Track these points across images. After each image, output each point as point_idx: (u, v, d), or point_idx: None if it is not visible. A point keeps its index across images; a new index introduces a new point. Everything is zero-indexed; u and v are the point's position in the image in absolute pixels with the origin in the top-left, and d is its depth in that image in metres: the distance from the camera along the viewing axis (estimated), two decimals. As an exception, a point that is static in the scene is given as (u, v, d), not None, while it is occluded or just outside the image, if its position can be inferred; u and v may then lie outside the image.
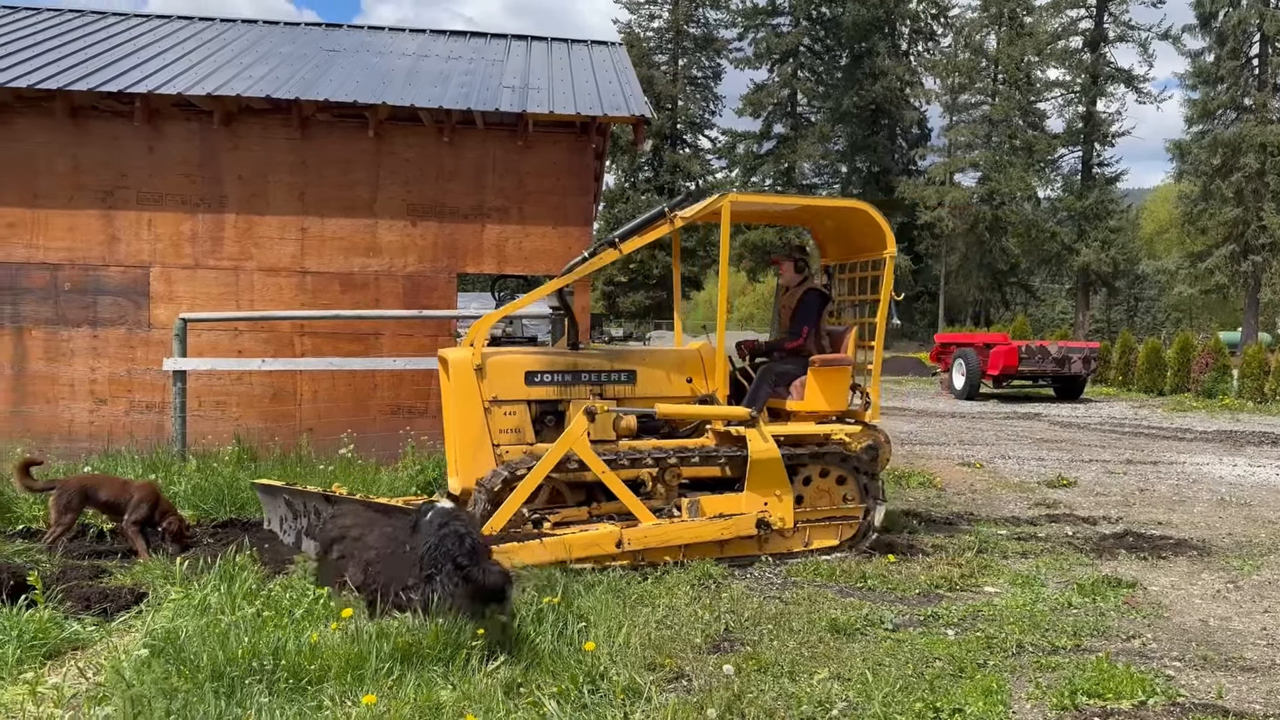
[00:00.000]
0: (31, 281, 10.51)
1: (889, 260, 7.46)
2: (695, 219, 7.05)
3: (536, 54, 13.93)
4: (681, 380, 7.37)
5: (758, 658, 4.88)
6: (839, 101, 62.74)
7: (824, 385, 7.38)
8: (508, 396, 6.79)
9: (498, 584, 4.67)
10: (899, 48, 65.32)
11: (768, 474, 6.87)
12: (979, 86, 61.89)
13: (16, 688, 4.37)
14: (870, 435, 7.49)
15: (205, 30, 13.84)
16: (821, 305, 7.85)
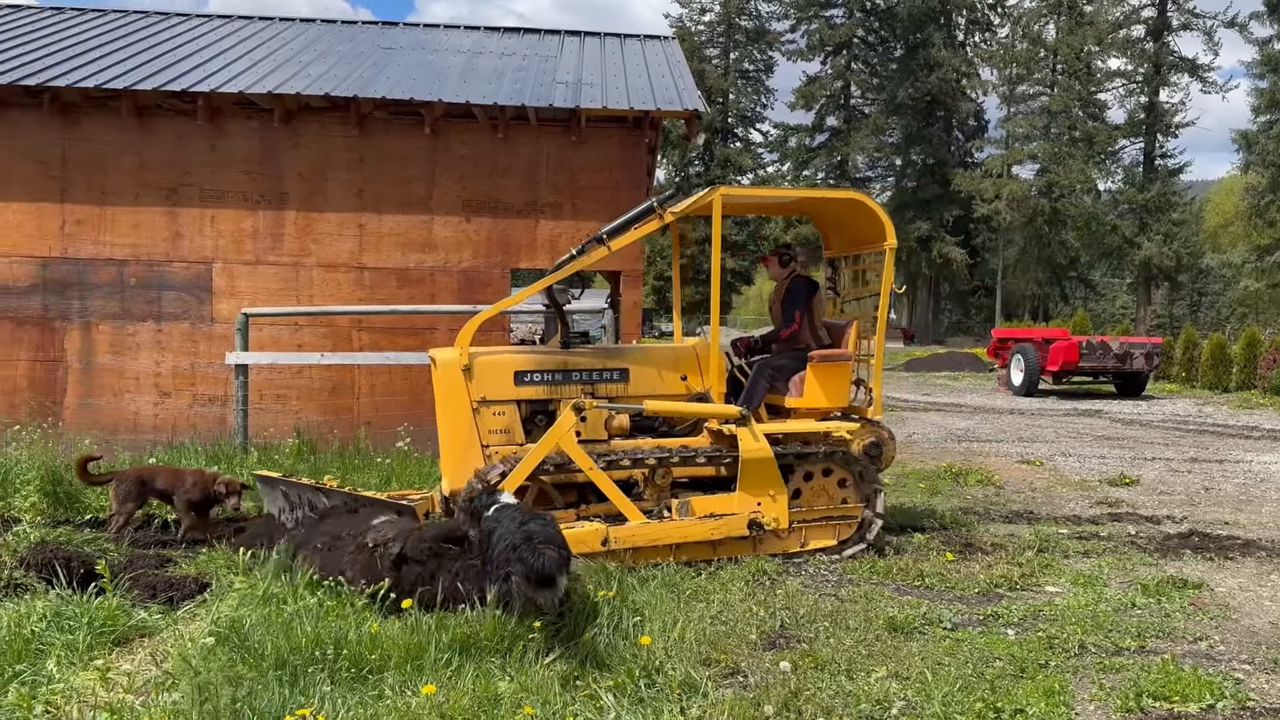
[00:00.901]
0: (99, 277, 10.78)
1: (888, 252, 7.23)
2: (685, 213, 6.92)
3: (589, 49, 13.96)
4: (676, 378, 7.20)
5: (814, 655, 4.85)
6: (893, 93, 61.99)
7: (824, 381, 7.20)
8: (496, 397, 6.69)
9: (549, 570, 4.68)
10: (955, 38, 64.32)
11: (760, 473, 6.68)
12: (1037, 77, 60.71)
13: (88, 673, 4.50)
14: (873, 432, 7.22)
15: (265, 29, 14.08)
16: (810, 292, 7.64)
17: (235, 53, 12.42)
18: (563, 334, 7.15)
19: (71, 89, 10.50)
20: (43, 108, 10.64)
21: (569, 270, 6.81)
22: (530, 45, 14.10)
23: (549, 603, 4.73)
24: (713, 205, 6.73)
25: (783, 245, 8.31)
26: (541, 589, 4.71)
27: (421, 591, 5.11)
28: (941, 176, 61.59)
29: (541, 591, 4.71)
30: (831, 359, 7.27)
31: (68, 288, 10.75)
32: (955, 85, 62.66)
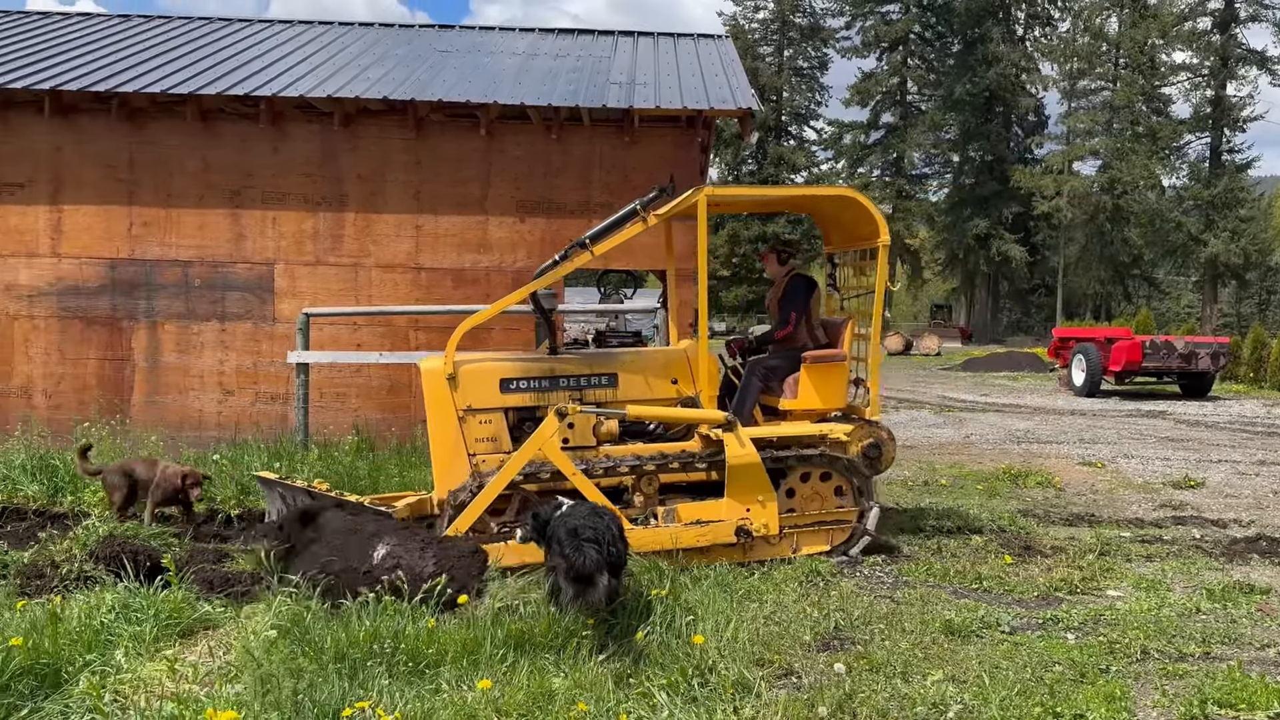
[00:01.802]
0: (165, 278, 11.06)
1: (882, 249, 7.02)
2: (671, 215, 6.81)
3: (643, 49, 13.99)
4: (666, 382, 7.05)
5: (869, 657, 4.82)
6: (951, 89, 61.18)
7: (818, 382, 7.05)
8: (482, 405, 6.63)
9: (587, 569, 4.71)
10: (1014, 33, 63.29)
11: (748, 479, 6.54)
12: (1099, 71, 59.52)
13: (155, 663, 4.62)
14: (872, 433, 7.04)
15: (325, 34, 14.33)
16: (808, 290, 7.50)
17: (296, 57, 12.66)
18: (550, 340, 7.04)
19: (139, 94, 10.78)
20: (111, 113, 10.94)
21: (552, 276, 6.72)
22: (584, 46, 14.17)
23: (595, 600, 4.76)
24: (698, 206, 6.62)
25: (781, 242, 7.97)
26: (581, 586, 4.74)
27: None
28: (1000, 173, 60.65)
29: (583, 589, 4.74)
30: (825, 359, 7.12)
31: (135, 288, 11.04)
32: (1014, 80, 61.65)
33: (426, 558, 5.47)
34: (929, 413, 17.67)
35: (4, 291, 10.98)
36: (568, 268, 6.70)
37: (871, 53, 64.35)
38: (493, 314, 6.89)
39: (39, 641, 4.46)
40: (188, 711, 3.81)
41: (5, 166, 10.93)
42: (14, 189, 10.95)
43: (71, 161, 11.00)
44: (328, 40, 13.89)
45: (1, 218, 10.96)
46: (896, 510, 8.70)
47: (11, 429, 9.71)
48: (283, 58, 12.58)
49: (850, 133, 65.29)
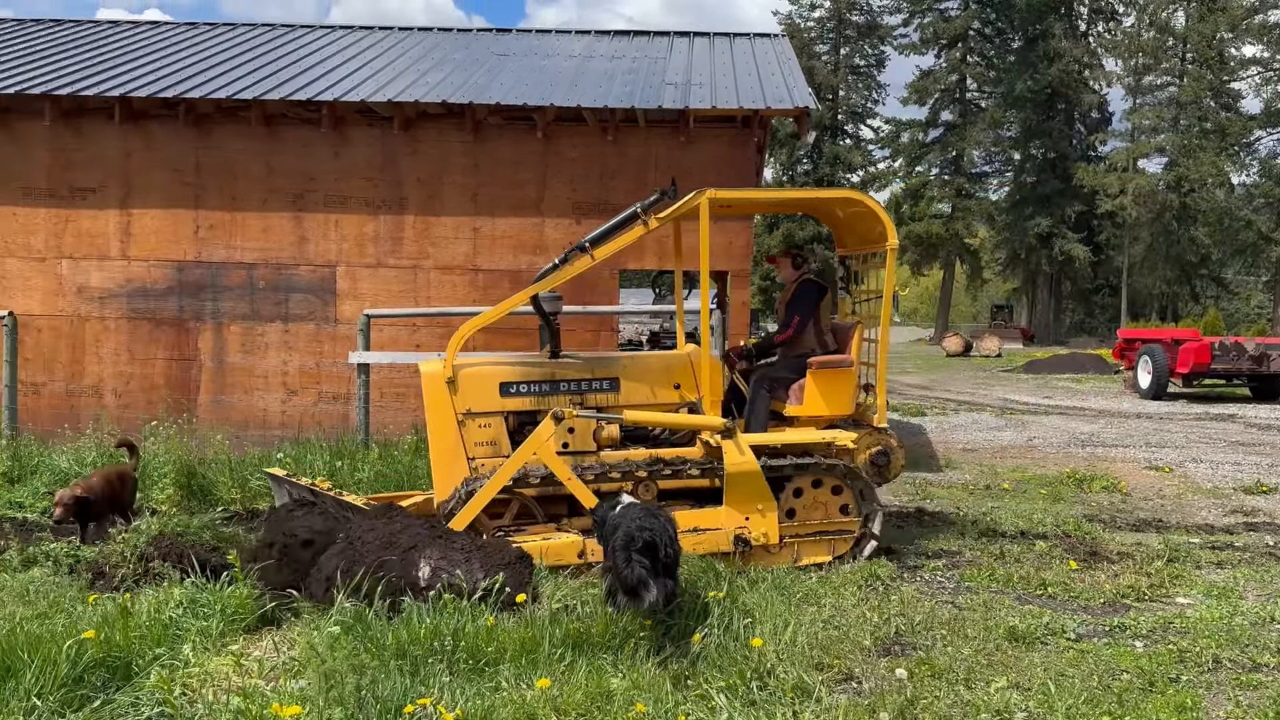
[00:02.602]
0: (230, 280, 11.30)
1: (890, 253, 6.83)
2: (673, 218, 6.75)
3: (699, 50, 13.96)
4: (669, 387, 6.93)
5: (931, 663, 4.75)
6: (1011, 86, 60.15)
7: (824, 388, 6.85)
8: (482, 409, 6.57)
9: (635, 580, 4.73)
10: (1076, 28, 62.06)
11: (747, 487, 6.39)
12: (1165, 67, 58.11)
13: (222, 658, 4.72)
14: (880, 440, 6.80)
15: (385, 39, 14.53)
16: (818, 295, 7.31)
17: (357, 62, 12.86)
18: (551, 344, 6.96)
19: (205, 100, 11.03)
20: (178, 119, 11.21)
21: (553, 280, 6.66)
22: (640, 48, 14.19)
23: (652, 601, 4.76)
24: (700, 209, 6.52)
25: (795, 246, 7.74)
26: (629, 599, 4.77)
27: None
28: (1063, 171, 59.51)
29: (631, 600, 4.77)
30: (831, 365, 6.95)
31: (201, 290, 11.29)
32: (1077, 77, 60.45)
33: (474, 567, 5.50)
34: (990, 415, 17.39)
35: (76, 293, 11.31)
36: (569, 271, 6.62)
37: (930, 50, 63.55)
38: (496, 317, 6.81)
39: (110, 635, 4.57)
40: (253, 706, 3.87)
41: (78, 172, 11.26)
42: (86, 193, 11.27)
43: (140, 166, 11.28)
44: (388, 45, 14.08)
45: (74, 221, 11.28)
46: (957, 514, 8.58)
47: (83, 427, 9.98)
48: (344, 63, 12.79)
49: (908, 131, 64.56)
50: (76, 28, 15.04)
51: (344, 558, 5.49)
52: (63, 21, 15.45)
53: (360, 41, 14.30)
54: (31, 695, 4.08)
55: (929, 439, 14.13)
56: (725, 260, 11.43)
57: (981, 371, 29.83)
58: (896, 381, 25.62)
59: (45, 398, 11.26)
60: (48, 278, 11.31)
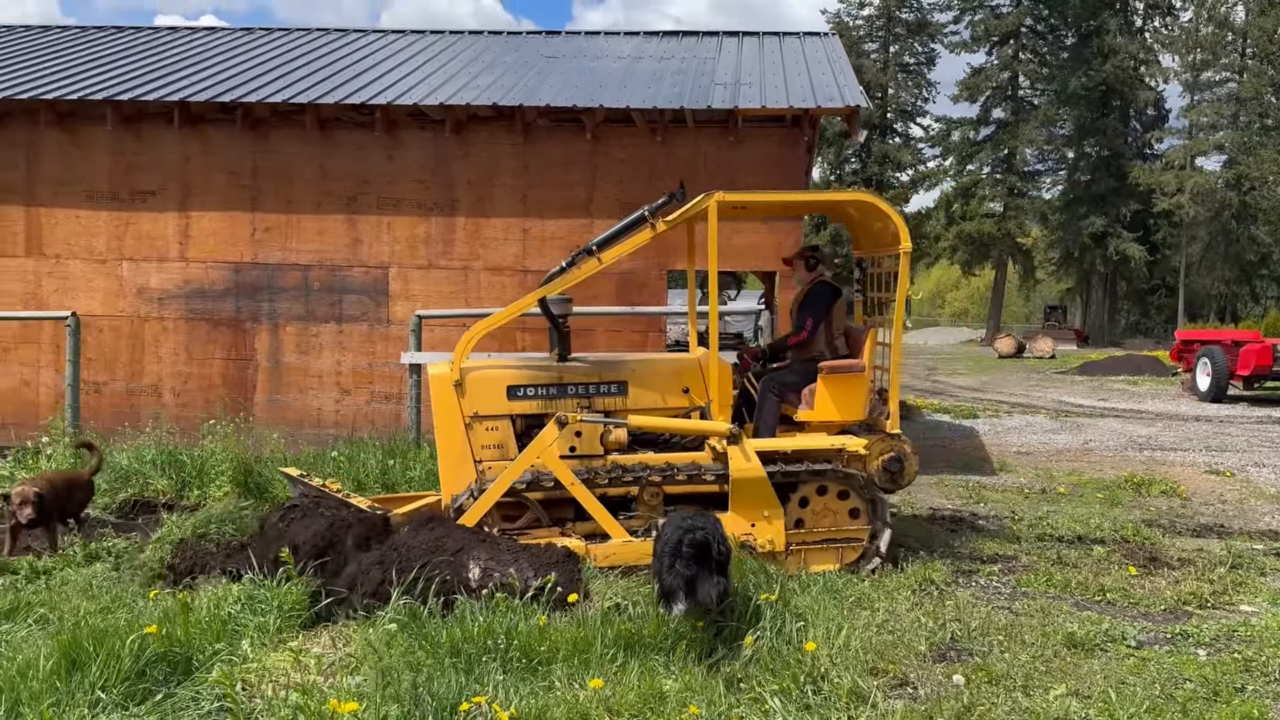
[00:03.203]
0: (286, 281, 11.48)
1: (903, 257, 6.68)
2: (680, 221, 6.69)
3: (748, 49, 13.92)
4: (677, 391, 6.87)
5: (988, 669, 4.69)
6: (1065, 83, 59.07)
7: (835, 393, 6.72)
8: (489, 411, 6.58)
9: (670, 587, 4.76)
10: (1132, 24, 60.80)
11: (752, 494, 6.34)
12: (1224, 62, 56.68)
13: (279, 654, 4.79)
14: (893, 446, 6.64)
15: (436, 43, 14.67)
16: (831, 298, 7.19)
17: (409, 66, 12.99)
18: (560, 346, 6.94)
19: (261, 104, 11.22)
20: (235, 123, 11.41)
21: (560, 284, 6.64)
22: (688, 48, 14.17)
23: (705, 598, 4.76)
24: (708, 211, 6.47)
25: (809, 247, 7.53)
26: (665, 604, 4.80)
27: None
28: (1118, 169, 58.35)
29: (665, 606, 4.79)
30: (842, 369, 6.82)
31: (258, 291, 11.49)
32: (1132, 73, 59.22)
33: (524, 566, 5.55)
34: (1044, 418, 17.11)
35: (136, 294, 11.56)
36: (576, 276, 6.62)
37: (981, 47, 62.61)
38: (504, 320, 6.80)
39: (171, 630, 4.66)
40: (311, 702, 3.92)
41: (138, 175, 11.51)
42: (146, 196, 11.52)
43: (199, 170, 11.51)
44: (439, 49, 14.21)
45: (135, 224, 11.54)
46: (1012, 519, 8.45)
47: (143, 425, 10.19)
48: (396, 67, 12.93)
49: (959, 129, 63.69)
50: (136, 34, 15.37)
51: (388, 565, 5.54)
52: (123, 28, 15.81)
53: (412, 45, 14.45)
54: (96, 688, 4.18)
55: (982, 441, 13.94)
56: (775, 261, 11.37)
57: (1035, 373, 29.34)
58: (948, 383, 25.33)
59: (106, 396, 11.53)
60: (109, 279, 11.58)
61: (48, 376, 11.53)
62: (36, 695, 4.07)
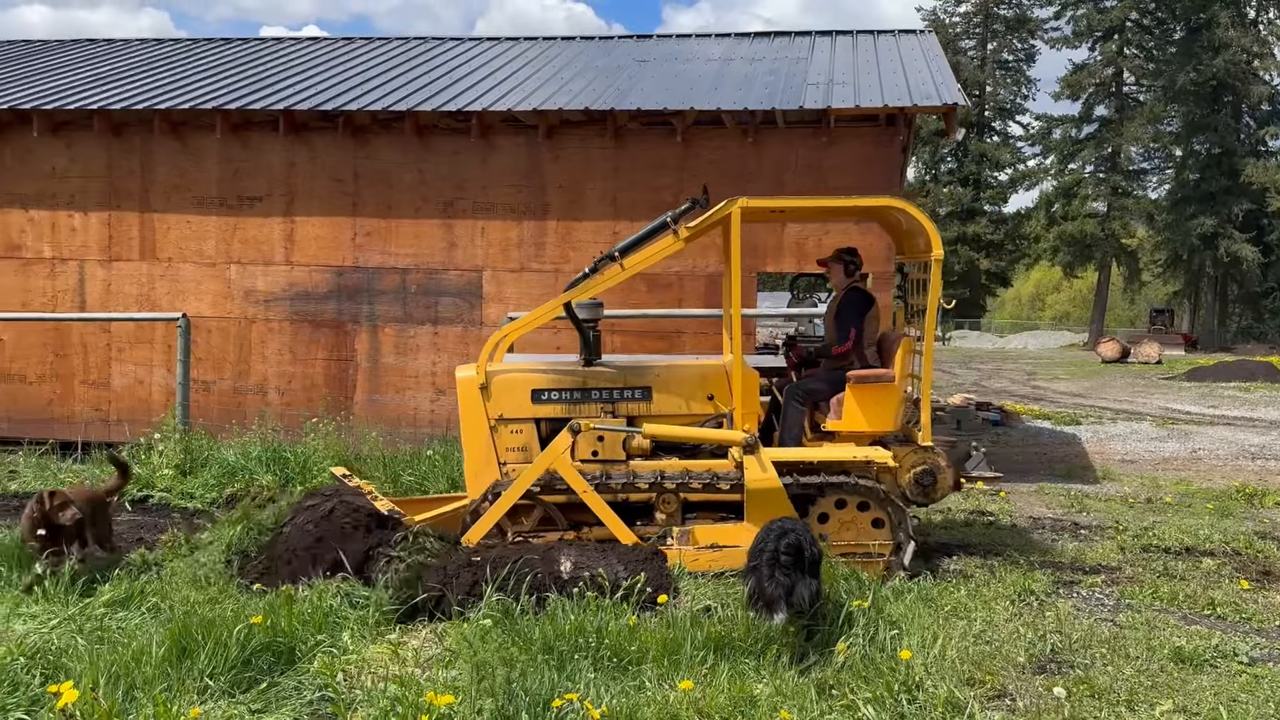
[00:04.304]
0: (384, 284, 11.77)
1: (934, 264, 6.47)
2: (704, 227, 6.60)
3: (841, 49, 13.76)
4: (702, 398, 6.79)
5: (1090, 682, 4.55)
6: (1172, 79, 56.89)
7: (864, 403, 6.58)
8: (514, 415, 6.65)
9: (771, 596, 4.72)
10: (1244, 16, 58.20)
11: (768, 504, 6.20)
12: (1347, 53, 53.89)
13: (378, 646, 4.93)
14: (925, 459, 6.49)
15: (530, 49, 14.87)
16: (865, 305, 7.04)
17: (503, 72, 13.20)
18: (584, 352, 6.94)
19: (362, 112, 11.53)
20: (338, 130, 11.75)
21: (583, 290, 6.65)
22: (780, 48, 14.08)
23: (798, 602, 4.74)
24: (731, 218, 6.38)
25: (846, 250, 7.27)
26: (766, 611, 4.76)
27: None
28: (1229, 167, 55.91)
29: (766, 613, 4.75)
30: (871, 379, 6.64)
31: (358, 293, 11.80)
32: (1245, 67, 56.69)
33: (613, 563, 5.61)
34: (1150, 425, 16.50)
35: (244, 297, 11.99)
36: (598, 280, 6.65)
37: (1083, 42, 60.71)
38: (530, 325, 6.87)
39: (276, 621, 4.83)
40: (409, 693, 4.02)
41: (246, 181, 11.94)
42: (253, 201, 11.94)
43: (303, 176, 11.88)
44: (532, 55, 14.40)
45: (242, 229, 11.97)
46: (1116, 529, 8.18)
47: (249, 423, 10.56)
48: (491, 74, 13.14)
49: (1060, 127, 61.89)
50: (244, 45, 15.95)
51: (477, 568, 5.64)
52: (231, 40, 16.42)
53: (506, 52, 14.68)
54: (205, 675, 4.35)
55: (1084, 449, 13.52)
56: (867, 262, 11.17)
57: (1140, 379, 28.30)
58: (1048, 389, 24.63)
59: (214, 395, 11.98)
60: (218, 282, 12.03)
61: (160, 375, 12.04)
62: (149, 681, 4.26)
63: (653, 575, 5.55)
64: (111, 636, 4.85)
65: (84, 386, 12.24)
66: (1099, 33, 59.70)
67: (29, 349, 12.32)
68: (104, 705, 3.77)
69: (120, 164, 12.15)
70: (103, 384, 12.23)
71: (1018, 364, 34.73)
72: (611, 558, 5.69)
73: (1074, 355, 43.58)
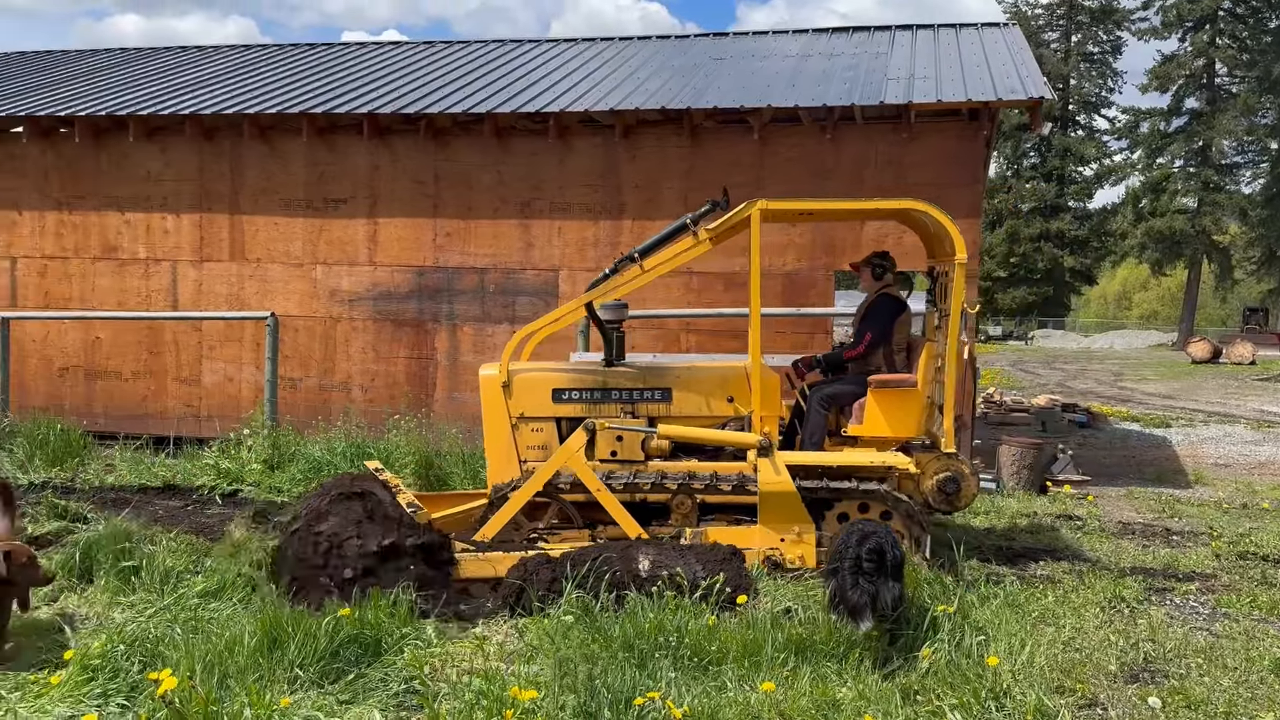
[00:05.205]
0: (463, 284, 11.94)
1: (958, 268, 6.28)
2: (723, 229, 6.52)
3: (922, 43, 13.55)
4: (722, 400, 6.74)
5: (1185, 693, 4.41)
6: (1268, 69, 54.71)
7: (886, 408, 6.47)
8: (535, 414, 6.71)
9: (856, 604, 4.68)
10: (1348, 1, 55.74)
11: (781, 508, 6.18)
12: None
13: (464, 642, 5.00)
14: (950, 465, 6.34)
15: (606, 49, 14.93)
16: (894, 312, 6.88)
17: (580, 73, 13.28)
18: (606, 352, 6.94)
19: (443, 115, 11.71)
20: (419, 133, 11.95)
21: (602, 291, 6.67)
22: (859, 44, 13.91)
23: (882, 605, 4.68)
24: (751, 220, 6.30)
25: (877, 254, 7.06)
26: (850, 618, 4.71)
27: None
28: (1330, 160, 53.64)
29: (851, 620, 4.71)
30: (892, 384, 6.52)
31: (438, 293, 12.00)
32: (1347, 56, 54.28)
33: (691, 562, 5.61)
34: (1245, 428, 15.91)
35: (329, 296, 12.27)
36: (618, 281, 6.68)
37: (1173, 33, 58.73)
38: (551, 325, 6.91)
39: (362, 613, 4.93)
40: (494, 688, 4.07)
41: (331, 184, 12.22)
42: (339, 204, 12.21)
43: (386, 178, 12.11)
44: (609, 55, 14.46)
45: (327, 230, 12.25)
46: (1211, 535, 7.91)
47: (334, 420, 10.81)
48: (568, 74, 13.24)
49: (1148, 120, 59.97)
50: (328, 50, 16.33)
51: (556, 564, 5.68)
52: (315, 45, 16.82)
53: (583, 53, 14.76)
54: (295, 666, 4.47)
55: (1175, 452, 13.11)
56: (951, 259, 11.04)
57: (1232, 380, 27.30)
58: (1136, 390, 23.92)
59: (301, 392, 12.29)
60: (304, 282, 12.34)
61: (249, 373, 12.40)
62: (242, 670, 4.38)
63: (731, 575, 5.55)
64: (205, 626, 5.01)
65: (176, 383, 12.67)
66: (1189, 23, 57.72)
67: (125, 347, 12.78)
68: (200, 693, 3.89)
69: (211, 167, 12.54)
70: (194, 381, 12.63)
71: (1104, 364, 33.79)
72: (690, 557, 5.70)
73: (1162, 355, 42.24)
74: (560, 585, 5.39)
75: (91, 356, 12.89)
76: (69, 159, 12.86)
